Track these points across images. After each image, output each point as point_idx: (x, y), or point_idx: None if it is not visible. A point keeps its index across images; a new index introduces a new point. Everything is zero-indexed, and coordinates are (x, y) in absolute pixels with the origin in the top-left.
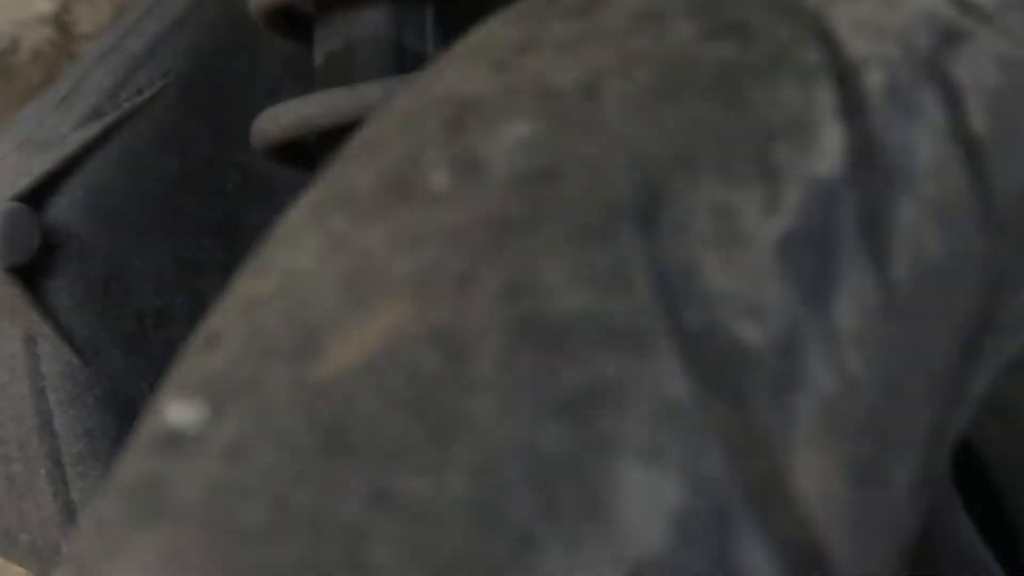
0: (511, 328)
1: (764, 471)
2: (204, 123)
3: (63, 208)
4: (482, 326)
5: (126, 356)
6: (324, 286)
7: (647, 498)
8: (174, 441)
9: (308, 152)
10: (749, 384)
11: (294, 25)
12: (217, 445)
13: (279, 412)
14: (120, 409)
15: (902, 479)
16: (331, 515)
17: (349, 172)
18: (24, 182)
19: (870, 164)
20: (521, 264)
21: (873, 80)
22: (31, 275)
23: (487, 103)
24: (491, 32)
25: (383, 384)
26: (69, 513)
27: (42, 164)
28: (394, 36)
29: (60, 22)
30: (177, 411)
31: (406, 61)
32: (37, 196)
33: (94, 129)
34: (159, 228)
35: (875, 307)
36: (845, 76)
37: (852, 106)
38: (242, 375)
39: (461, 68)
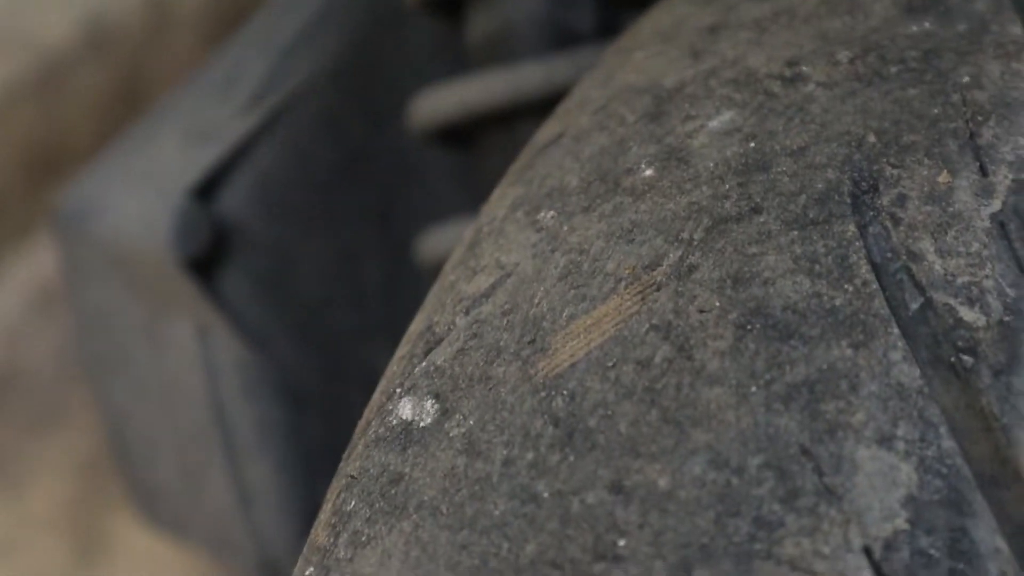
0: (736, 318)
1: (993, 450)
2: (357, 108)
3: (232, 199)
4: (707, 317)
5: (294, 345)
6: (542, 281)
7: (881, 481)
8: (408, 436)
9: (466, 136)
10: (973, 366)
11: (444, 3)
12: (452, 439)
13: (511, 406)
14: (289, 398)
15: None
16: (574, 505)
17: (552, 166)
18: (193, 175)
19: None
20: (740, 254)
21: None
22: (203, 267)
23: (687, 92)
24: (677, 14)
25: (614, 376)
26: (243, 500)
27: (208, 155)
28: (552, 14)
29: None
30: (407, 407)
31: (565, 38)
32: (207, 188)
33: (255, 117)
34: (321, 217)
35: None
36: None
37: None
38: (469, 371)
39: (652, 54)
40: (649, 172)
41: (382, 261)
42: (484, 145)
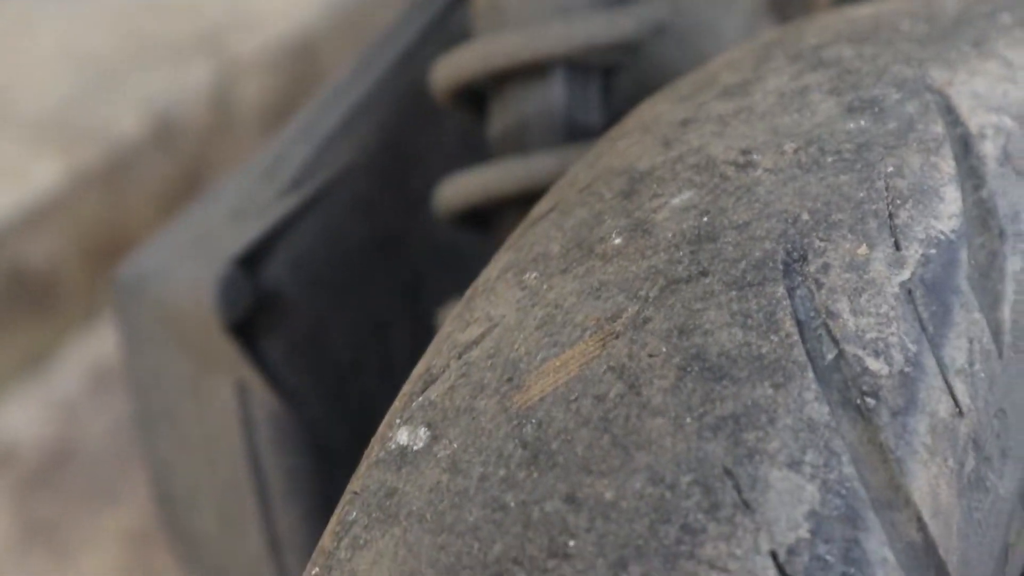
0: (679, 361)
1: (888, 478)
2: (391, 193)
3: (273, 271)
4: (655, 360)
5: (325, 404)
6: (522, 330)
7: (789, 497)
8: (403, 458)
9: (486, 217)
10: (874, 407)
11: (470, 101)
12: (439, 460)
13: (489, 432)
14: (319, 452)
15: (1005, 489)
16: (535, 512)
17: (539, 236)
18: (238, 247)
19: (984, 223)
20: (687, 309)
21: (989, 149)
22: (245, 330)
23: (656, 175)
24: (656, 110)
25: (575, 408)
26: (275, 546)
27: (252, 230)
28: (564, 110)
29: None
30: (404, 434)
31: (575, 132)
32: (250, 260)
33: (295, 199)
34: (354, 289)
35: (983, 345)
36: (965, 146)
37: (970, 173)
38: (457, 404)
39: (633, 143)
40: (618, 240)
41: (410, 332)
42: (501, 225)
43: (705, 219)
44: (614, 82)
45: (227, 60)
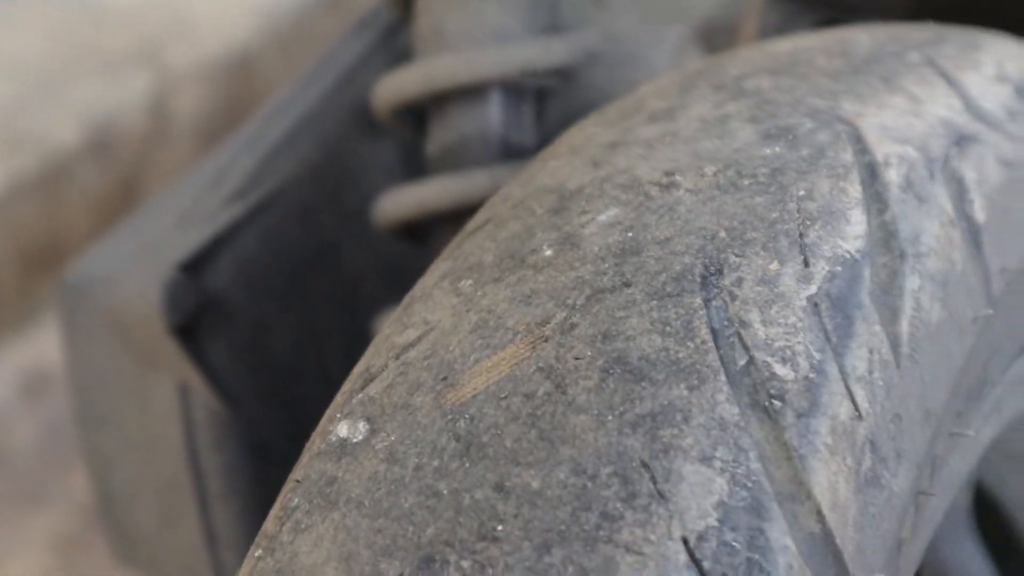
0: (602, 364)
1: (792, 474)
2: (331, 204)
3: (216, 276)
4: (580, 362)
5: (263, 405)
6: (457, 333)
7: (700, 489)
8: (343, 450)
9: (422, 230)
10: (780, 409)
11: (410, 119)
12: (377, 451)
13: (424, 426)
14: (257, 451)
15: (899, 487)
16: (466, 499)
17: (474, 247)
18: (183, 253)
19: (887, 244)
20: (611, 317)
21: (893, 176)
22: (188, 333)
23: (585, 193)
24: (587, 132)
25: (505, 405)
26: (212, 542)
27: (197, 237)
28: (499, 130)
29: None
30: (344, 428)
31: (509, 151)
32: (195, 266)
33: (240, 208)
34: (294, 295)
35: (882, 355)
36: (871, 173)
37: (875, 197)
38: (394, 400)
39: (563, 163)
40: (548, 252)
41: (345, 337)
42: (437, 238)
43: (629, 234)
44: (547, 105)
45: (165, 71)
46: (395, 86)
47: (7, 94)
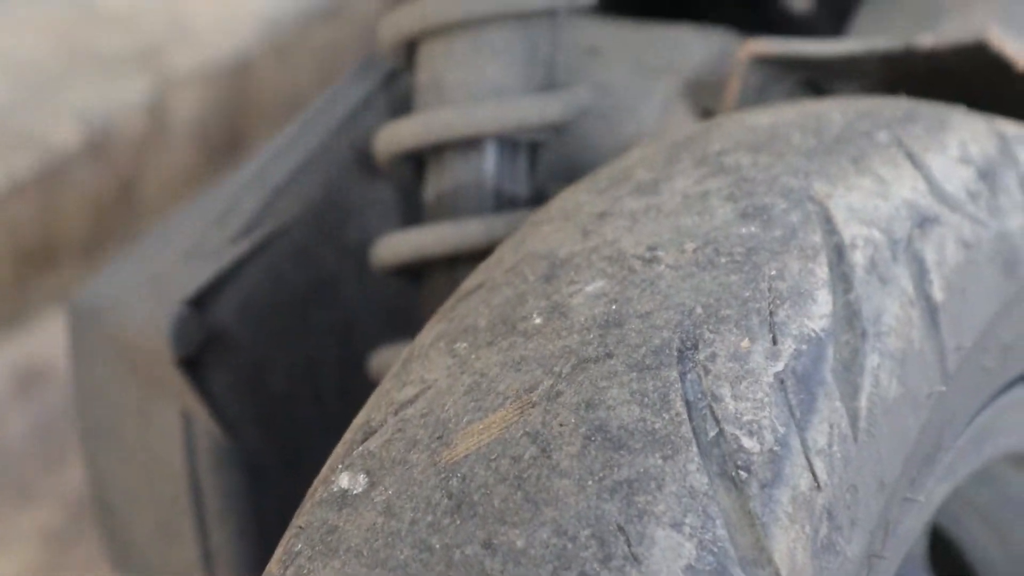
0: (585, 431)
1: (754, 540)
2: (330, 243)
3: (221, 311)
4: (564, 429)
5: (261, 433)
6: (452, 394)
7: (670, 553)
8: (344, 500)
9: (417, 273)
10: (746, 479)
11: (408, 165)
12: (375, 504)
13: (420, 482)
14: (254, 475)
15: (853, 552)
16: (456, 554)
17: (469, 309)
18: (191, 287)
19: (850, 323)
20: (594, 386)
21: (859, 258)
22: (193, 364)
23: (574, 262)
24: (578, 199)
25: (494, 466)
26: (208, 559)
27: (205, 272)
28: (494, 180)
29: None
30: (345, 479)
31: (503, 201)
32: (201, 300)
33: (244, 245)
34: (292, 330)
35: (841, 430)
36: (838, 254)
37: (841, 278)
38: (393, 455)
39: (555, 229)
40: (538, 320)
41: (341, 370)
42: (430, 283)
43: (614, 307)
44: (540, 156)
45: (164, 74)
46: (395, 135)
47: (5, 94)
